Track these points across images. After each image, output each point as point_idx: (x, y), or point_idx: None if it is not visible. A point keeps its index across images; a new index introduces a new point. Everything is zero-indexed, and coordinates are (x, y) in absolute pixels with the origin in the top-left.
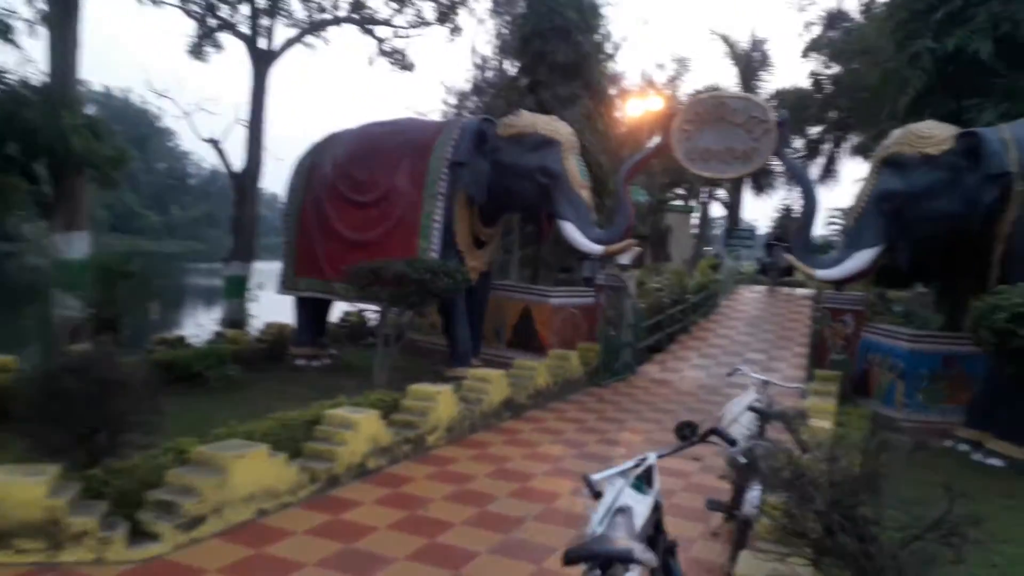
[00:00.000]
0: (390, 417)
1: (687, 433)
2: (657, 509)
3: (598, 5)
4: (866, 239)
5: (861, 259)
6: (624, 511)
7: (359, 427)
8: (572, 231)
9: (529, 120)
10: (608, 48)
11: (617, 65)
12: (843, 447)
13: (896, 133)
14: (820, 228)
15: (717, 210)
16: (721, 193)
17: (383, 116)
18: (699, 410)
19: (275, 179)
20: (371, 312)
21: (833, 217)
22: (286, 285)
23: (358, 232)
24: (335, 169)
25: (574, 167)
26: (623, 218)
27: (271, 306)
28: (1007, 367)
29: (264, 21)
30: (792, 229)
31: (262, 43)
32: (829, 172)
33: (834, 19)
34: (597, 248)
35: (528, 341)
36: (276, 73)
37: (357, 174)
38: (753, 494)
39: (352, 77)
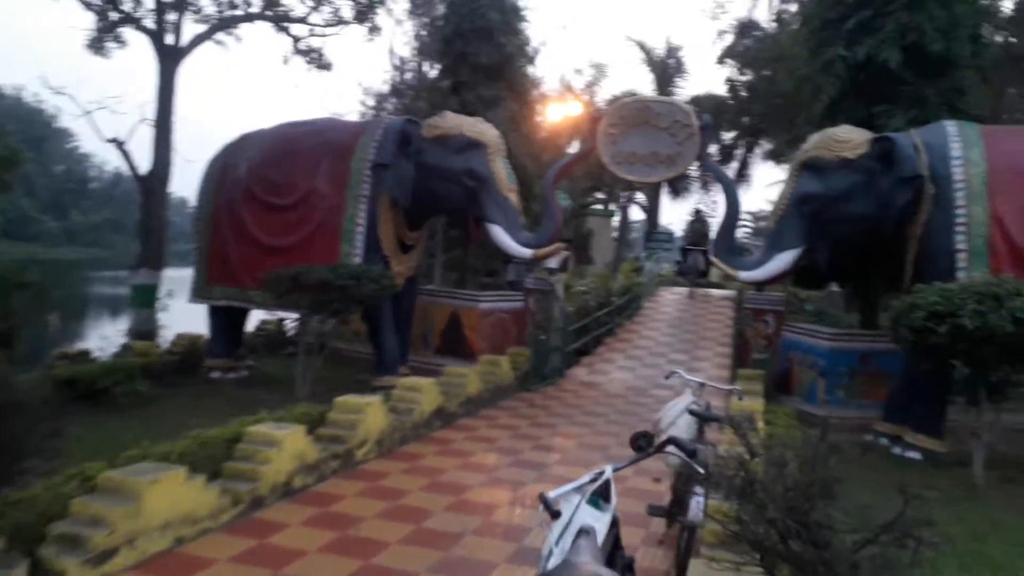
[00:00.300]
0: (316, 432)
1: (643, 444)
2: (615, 524)
3: (520, 7)
4: (787, 241)
5: (782, 260)
6: (587, 533)
7: (283, 444)
8: (501, 235)
9: (454, 122)
10: (529, 51)
11: (537, 70)
12: (789, 450)
13: (814, 138)
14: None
15: (636, 214)
16: (640, 197)
17: (299, 117)
18: (629, 412)
19: (185, 182)
20: (290, 320)
21: (745, 221)
22: (198, 293)
23: (276, 237)
24: (250, 171)
25: (501, 170)
26: (551, 222)
27: (182, 316)
28: (924, 364)
29: (171, 16)
30: (700, 233)
31: (169, 39)
32: (742, 176)
33: (746, 28)
34: (526, 252)
35: (457, 347)
36: (185, 71)
37: (274, 176)
38: (697, 500)
39: (267, 76)
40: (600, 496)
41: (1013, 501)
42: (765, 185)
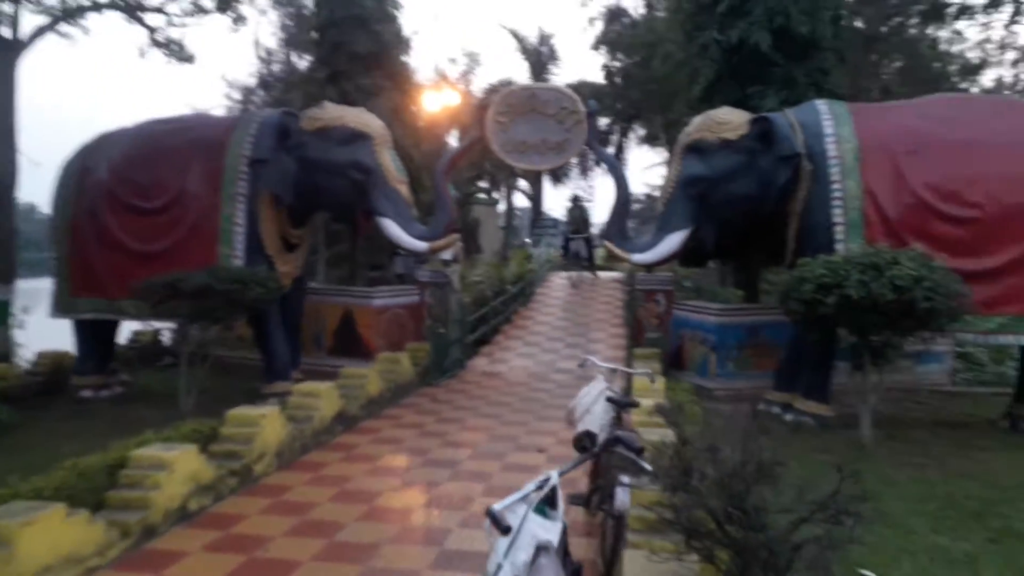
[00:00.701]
0: (209, 449)
1: (587, 444)
2: (564, 532)
3: None
4: (675, 222)
5: (672, 241)
6: (546, 549)
7: (174, 466)
8: (393, 228)
9: (336, 113)
10: (405, 40)
11: (413, 59)
12: (716, 431)
13: (696, 120)
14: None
15: (520, 201)
16: (523, 184)
17: (162, 114)
18: (533, 399)
19: (34, 187)
20: (167, 329)
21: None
22: (61, 307)
23: (146, 242)
24: (112, 173)
25: (389, 161)
26: (444, 213)
27: (43, 332)
28: (812, 333)
29: (5, 7)
30: (580, 220)
31: (5, 32)
32: (617, 160)
33: (614, 15)
34: (421, 245)
35: (352, 346)
36: (27, 66)
37: (140, 178)
38: (623, 488)
39: (124, 71)
40: (547, 504)
41: (899, 458)
42: (641, 169)
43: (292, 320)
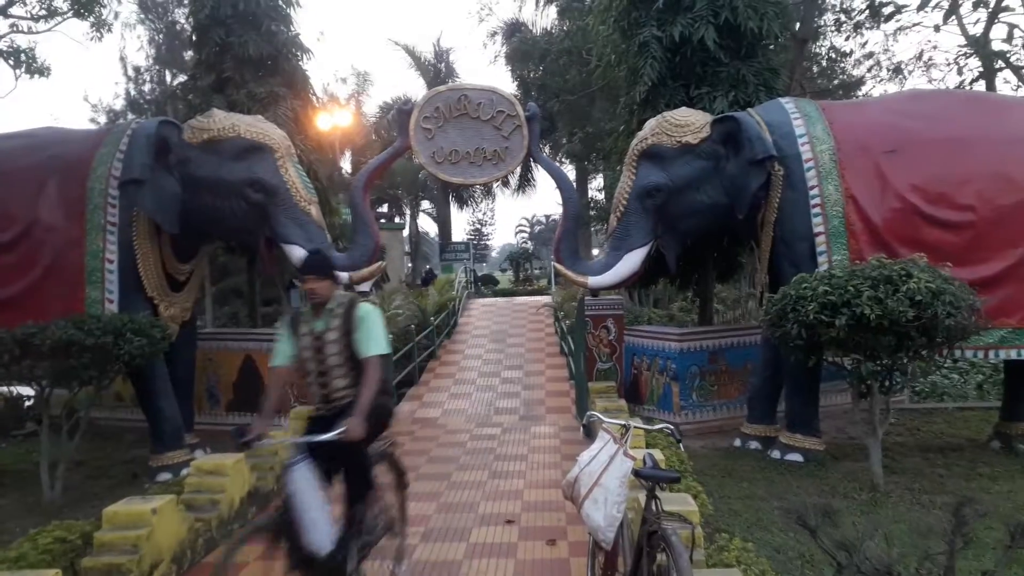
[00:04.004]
0: (80, 566)
1: None
2: None
3: None
4: (634, 239)
5: (632, 261)
6: None
7: None
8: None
9: (226, 121)
10: (303, 42)
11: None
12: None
13: (651, 123)
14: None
15: (425, 224)
16: (426, 205)
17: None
18: (480, 450)
19: None
20: (27, 392)
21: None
22: None
23: None
24: None
25: (295, 178)
26: (366, 237)
27: None
28: (807, 359)
29: None
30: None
31: None
32: (526, 180)
33: (513, 29)
34: (340, 276)
35: (256, 400)
36: None
37: None
38: None
39: None
40: None
41: (916, 497)
42: (553, 188)
43: (183, 373)
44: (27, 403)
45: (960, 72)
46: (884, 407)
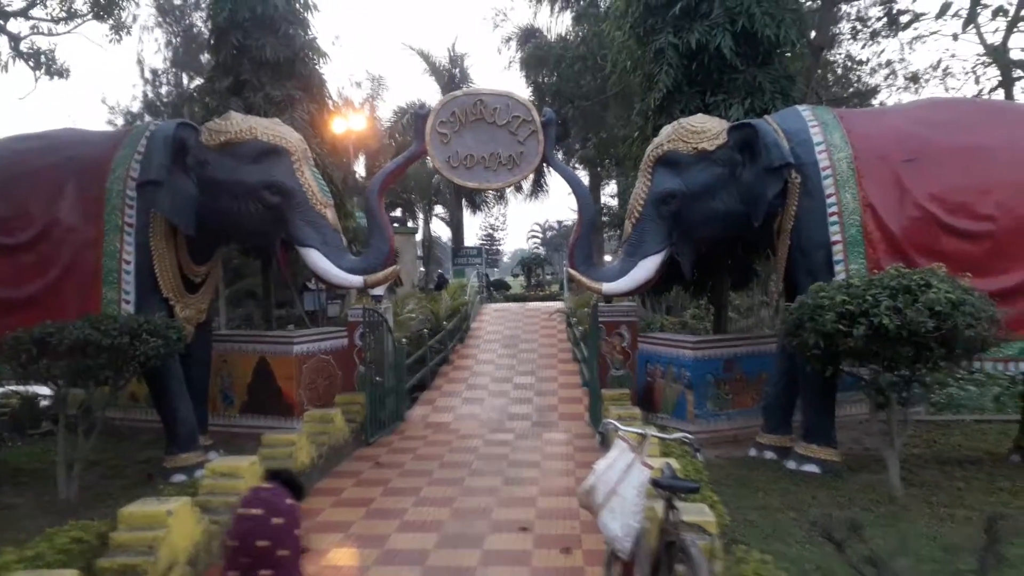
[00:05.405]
0: (97, 566)
1: None
2: None
3: None
4: (649, 245)
5: (646, 267)
6: None
7: None
8: (319, 261)
9: (244, 124)
10: (320, 47)
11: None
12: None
13: (667, 129)
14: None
15: (438, 230)
16: (439, 210)
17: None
18: (495, 456)
19: None
20: (43, 391)
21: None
22: None
23: (7, 287)
24: None
25: (312, 181)
26: (381, 240)
27: None
28: (825, 368)
29: None
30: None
31: None
32: (539, 186)
33: (528, 35)
34: (354, 280)
35: (269, 402)
36: None
37: None
38: None
39: None
40: None
41: (936, 511)
42: (566, 193)
43: (198, 375)
44: (43, 402)
45: (978, 81)
46: (902, 418)
